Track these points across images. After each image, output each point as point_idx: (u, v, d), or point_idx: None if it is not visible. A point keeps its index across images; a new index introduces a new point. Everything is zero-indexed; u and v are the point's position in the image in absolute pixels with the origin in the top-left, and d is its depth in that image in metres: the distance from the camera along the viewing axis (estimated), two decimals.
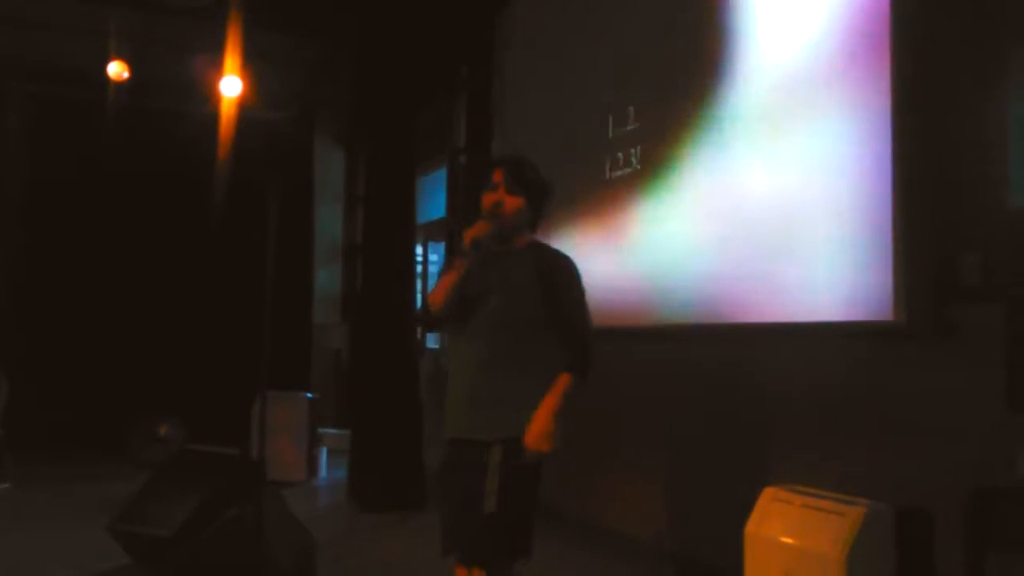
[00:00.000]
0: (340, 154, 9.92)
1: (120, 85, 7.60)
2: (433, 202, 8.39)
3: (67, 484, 6.93)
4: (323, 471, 7.49)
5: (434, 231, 8.44)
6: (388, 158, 6.60)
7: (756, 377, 4.24)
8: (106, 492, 6.09)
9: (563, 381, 2.70)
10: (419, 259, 8.05)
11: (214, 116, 7.49)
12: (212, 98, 7.33)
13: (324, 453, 7.54)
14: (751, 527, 3.57)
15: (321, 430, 7.54)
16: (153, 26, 8.05)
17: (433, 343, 8.22)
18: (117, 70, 7.47)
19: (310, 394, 7.58)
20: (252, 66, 7.27)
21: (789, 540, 3.38)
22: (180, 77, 7.89)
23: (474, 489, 2.60)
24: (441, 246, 8.34)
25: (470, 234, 2.68)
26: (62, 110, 8.13)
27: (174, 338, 8.22)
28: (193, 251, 8.33)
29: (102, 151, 7.94)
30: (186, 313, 8.28)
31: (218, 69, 7.11)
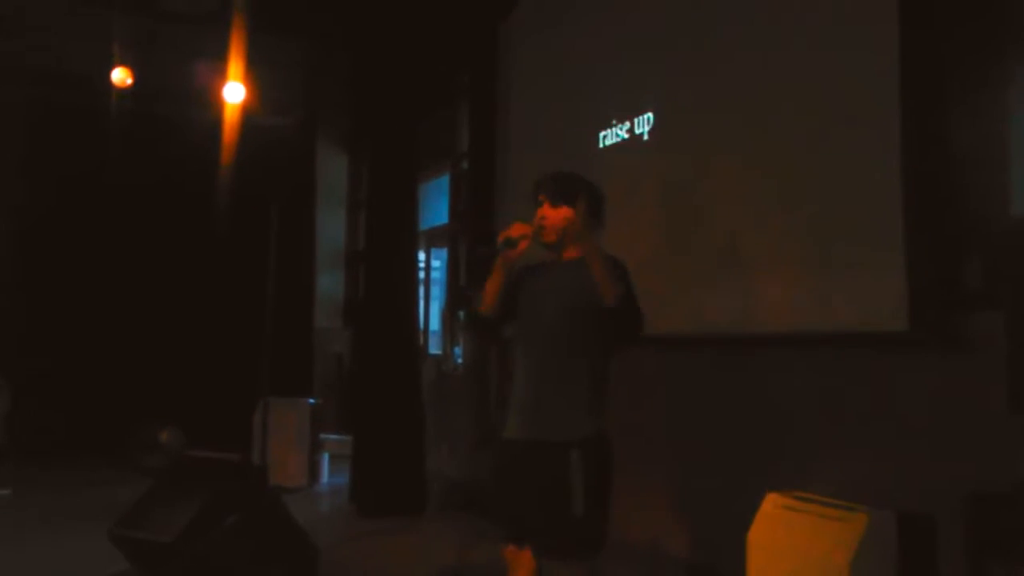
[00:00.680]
0: (342, 160, 9.93)
1: (123, 91, 7.62)
2: (436, 208, 8.39)
3: (68, 490, 6.93)
4: (325, 477, 7.47)
5: (437, 237, 8.45)
6: (390, 164, 6.61)
7: (758, 384, 4.23)
8: (107, 498, 6.07)
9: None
10: (422, 265, 8.05)
11: (217, 122, 7.51)
12: (215, 104, 7.35)
13: (326, 459, 7.53)
14: (754, 534, 3.56)
15: (323, 435, 7.54)
16: (157, 32, 8.08)
17: (435, 349, 8.22)
18: (121, 76, 7.49)
19: (312, 399, 7.58)
20: (255, 72, 7.30)
21: (792, 547, 3.36)
22: (183, 83, 7.92)
23: (550, 489, 2.68)
24: (444, 252, 8.34)
25: (504, 233, 2.81)
26: (66, 116, 8.14)
27: (176, 344, 8.22)
28: (195, 257, 8.33)
29: (105, 158, 7.96)
30: (188, 319, 8.28)
31: (221, 75, 7.13)
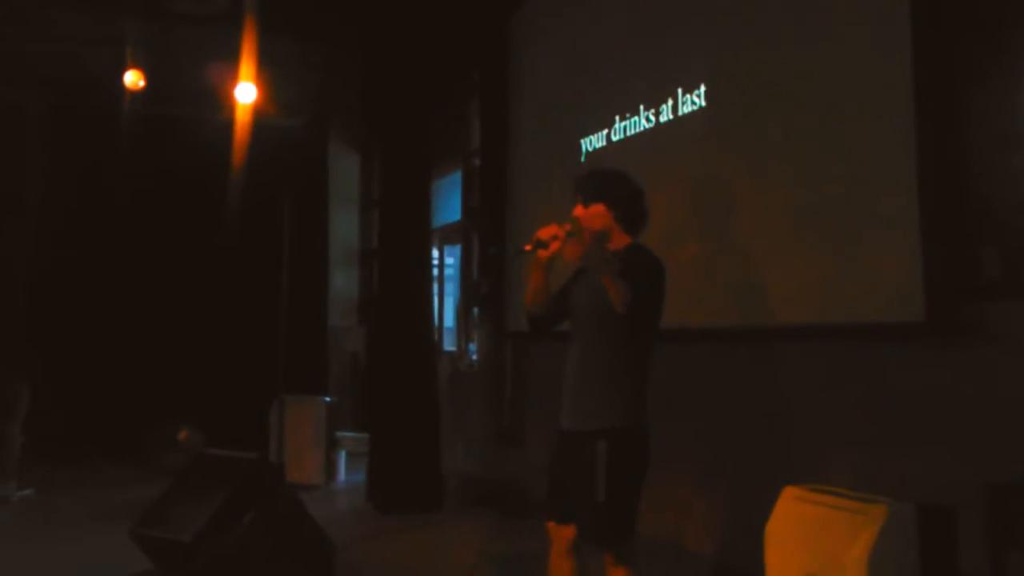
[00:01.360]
0: (355, 158, 9.93)
1: (136, 94, 7.65)
2: (449, 205, 8.39)
3: (88, 489, 6.99)
4: (342, 474, 7.50)
5: (450, 234, 8.45)
6: (402, 161, 6.61)
7: (775, 376, 4.21)
8: (127, 497, 6.13)
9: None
10: (435, 262, 8.06)
11: (229, 123, 7.54)
12: (227, 105, 7.38)
13: (343, 456, 7.55)
14: (772, 527, 3.54)
15: (339, 433, 7.55)
16: (168, 35, 8.11)
17: (450, 346, 8.23)
18: (133, 79, 7.52)
19: (327, 397, 7.61)
20: (266, 72, 7.31)
21: (810, 540, 3.34)
22: (195, 85, 7.94)
23: (584, 476, 2.85)
24: (457, 249, 8.34)
25: (536, 235, 2.92)
26: (79, 119, 8.19)
27: (192, 343, 8.26)
28: (210, 257, 8.37)
29: (118, 159, 8.00)
30: (204, 318, 8.31)
31: (233, 76, 7.15)
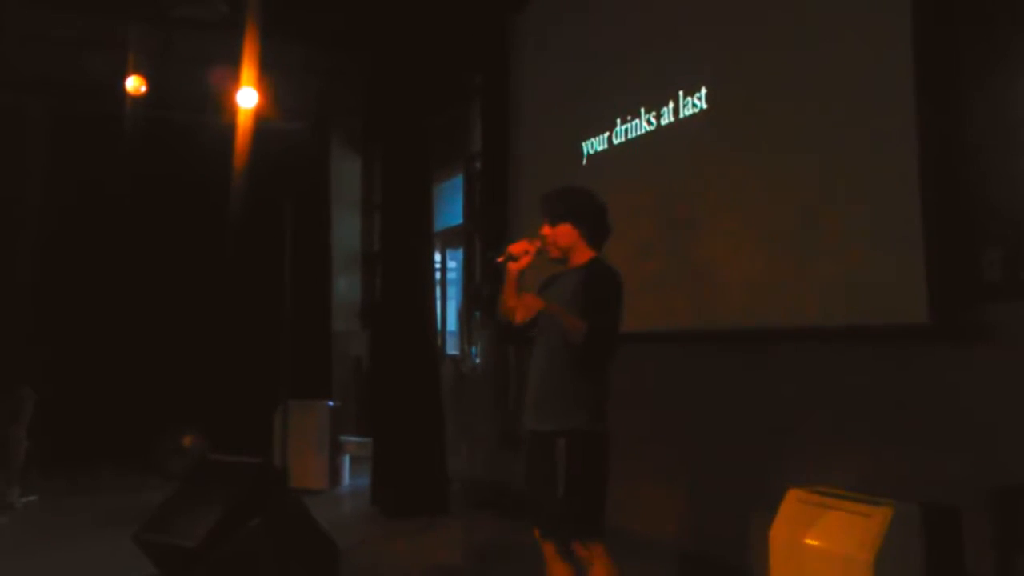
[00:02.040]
0: (356, 162, 9.94)
1: (138, 99, 7.66)
2: (450, 209, 8.40)
3: (93, 495, 7.00)
4: (346, 479, 7.50)
5: (452, 238, 8.45)
6: (403, 165, 6.62)
7: (779, 378, 4.21)
8: (131, 503, 6.14)
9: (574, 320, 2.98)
10: (438, 266, 8.06)
11: (231, 128, 7.54)
12: (228, 110, 7.38)
13: (347, 461, 7.56)
14: (776, 529, 3.54)
15: (343, 438, 7.56)
16: (170, 40, 8.12)
17: (453, 349, 8.23)
18: (135, 84, 7.53)
19: (331, 402, 7.61)
20: (268, 77, 7.32)
21: (815, 542, 3.34)
22: (197, 90, 7.95)
23: (546, 473, 3.07)
24: (459, 252, 8.34)
25: (508, 248, 3.14)
26: (80, 124, 8.20)
27: (196, 349, 8.26)
28: (212, 262, 8.37)
29: (120, 165, 8.00)
30: (207, 324, 8.31)
31: (234, 81, 7.15)
